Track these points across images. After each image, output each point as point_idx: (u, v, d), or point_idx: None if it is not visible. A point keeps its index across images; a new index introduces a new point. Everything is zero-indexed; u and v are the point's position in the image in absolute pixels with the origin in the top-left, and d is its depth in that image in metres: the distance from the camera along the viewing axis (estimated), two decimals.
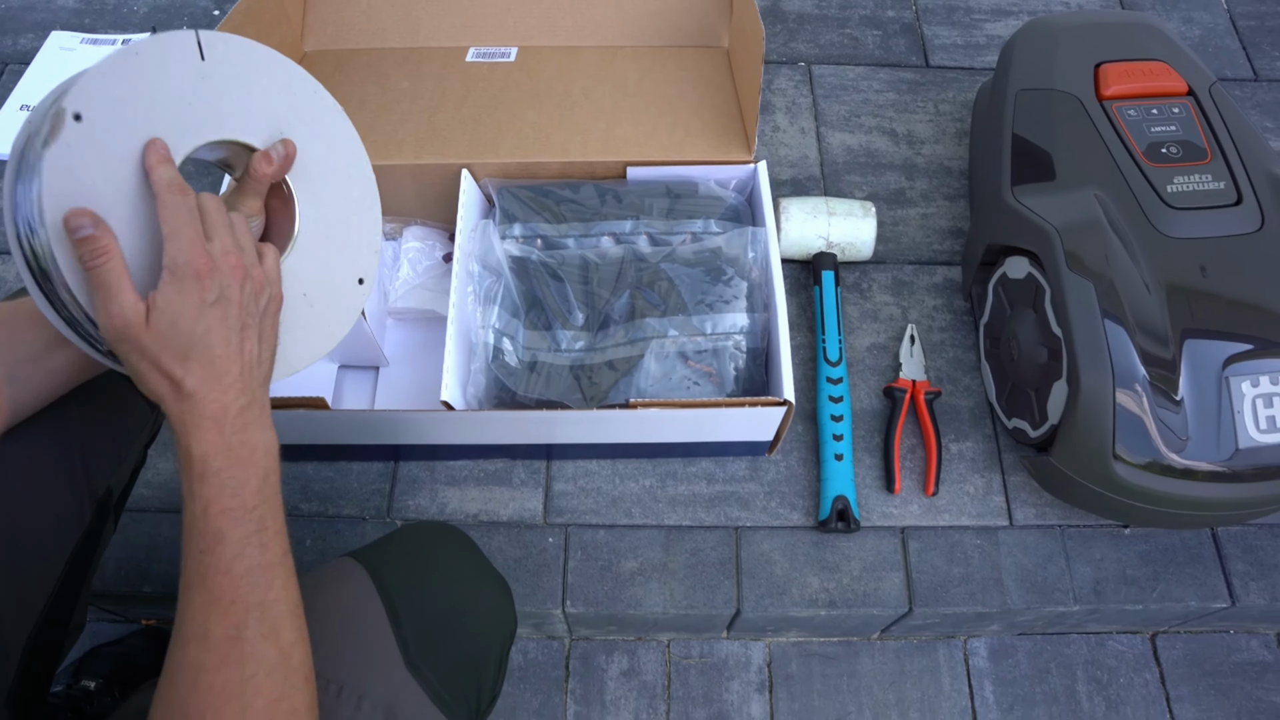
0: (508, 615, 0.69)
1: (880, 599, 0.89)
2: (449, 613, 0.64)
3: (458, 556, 0.67)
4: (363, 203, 0.59)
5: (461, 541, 0.68)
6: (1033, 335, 0.87)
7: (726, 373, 0.86)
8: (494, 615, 0.67)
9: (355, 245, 0.57)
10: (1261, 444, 0.80)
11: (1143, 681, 1.01)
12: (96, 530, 0.67)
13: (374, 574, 0.63)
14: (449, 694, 0.61)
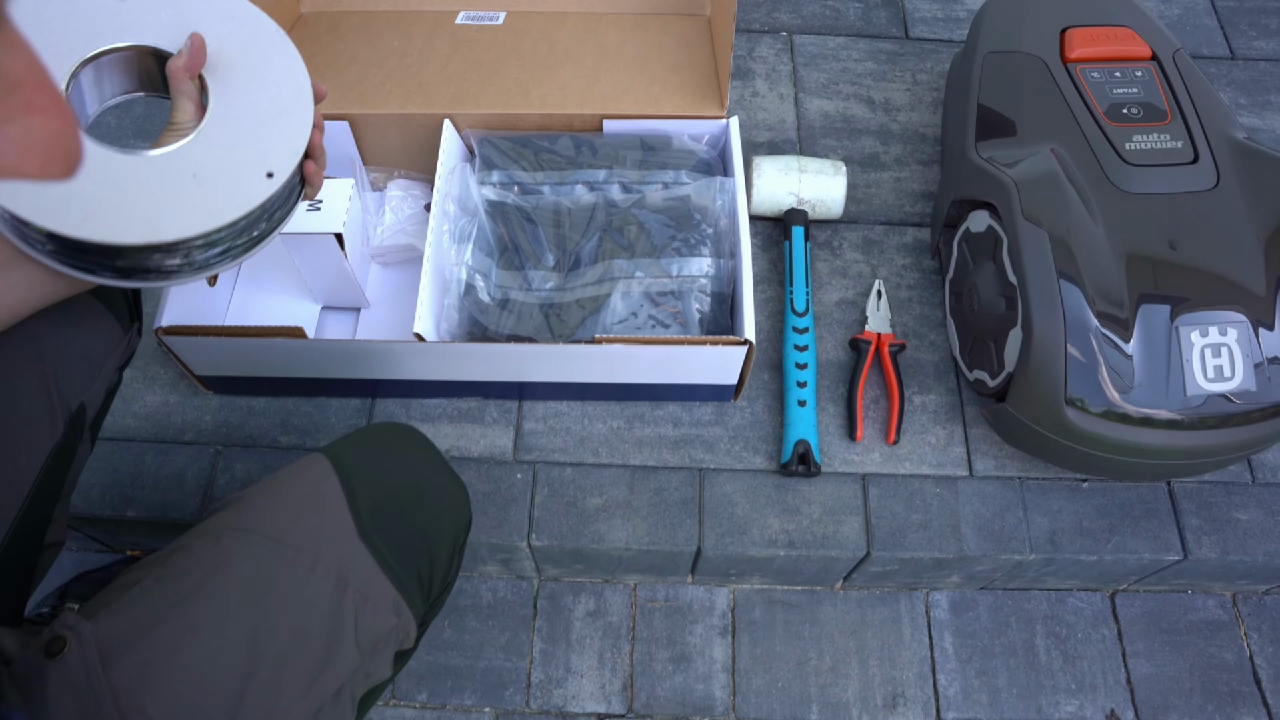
0: (462, 507, 0.71)
1: (839, 542, 0.92)
2: (403, 492, 0.67)
3: (415, 448, 0.70)
4: (292, 110, 0.61)
5: (420, 438, 0.71)
6: (992, 286, 0.90)
7: (691, 315, 0.89)
8: (448, 501, 0.70)
9: (273, 144, 0.59)
10: (1209, 392, 0.82)
11: (1100, 637, 1.03)
12: (70, 446, 0.69)
13: (334, 459, 0.66)
14: (400, 566, 0.64)
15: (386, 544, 0.64)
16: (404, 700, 0.98)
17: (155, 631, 0.58)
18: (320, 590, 0.60)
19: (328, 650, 0.60)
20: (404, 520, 0.66)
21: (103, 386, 0.76)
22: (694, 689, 0.99)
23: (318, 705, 0.61)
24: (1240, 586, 1.03)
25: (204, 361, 0.92)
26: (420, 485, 0.69)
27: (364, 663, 0.63)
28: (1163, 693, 1.00)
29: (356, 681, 0.63)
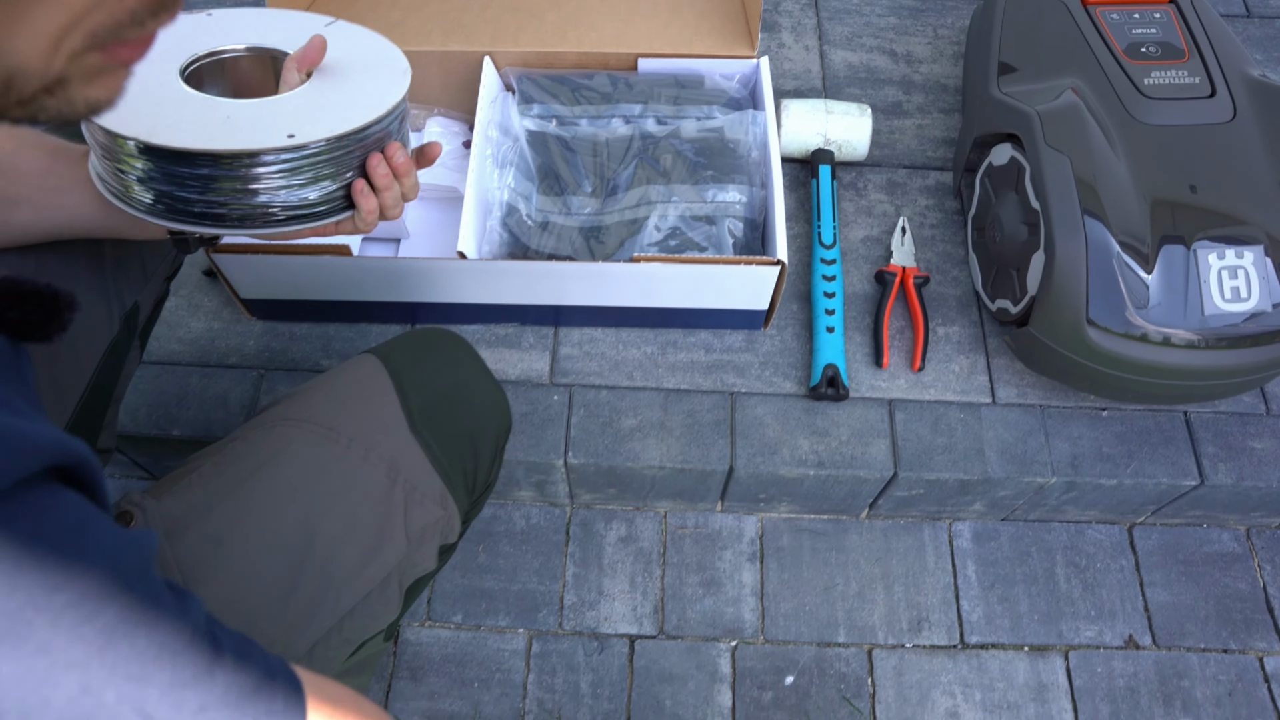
0: (504, 410, 0.74)
1: (867, 462, 0.94)
2: (449, 391, 0.69)
3: (460, 352, 0.73)
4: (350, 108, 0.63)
5: (464, 343, 0.74)
6: (1014, 215, 0.93)
7: (724, 240, 0.92)
8: (490, 402, 0.72)
9: (309, 123, 0.61)
10: (1225, 312, 0.85)
11: (1119, 567, 1.05)
12: (123, 345, 0.72)
13: (383, 359, 0.69)
14: (447, 461, 0.67)
15: (435, 439, 0.67)
16: (439, 621, 1.00)
17: (215, 512, 0.61)
18: (372, 479, 0.63)
19: (378, 537, 0.63)
20: (451, 417, 0.69)
21: (153, 293, 0.80)
22: (724, 612, 1.01)
23: (368, 590, 0.63)
24: (1254, 520, 1.06)
25: (250, 283, 0.94)
26: (466, 386, 0.72)
27: (411, 552, 0.65)
28: (1179, 620, 1.03)
29: (404, 570, 0.65)
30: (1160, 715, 0.98)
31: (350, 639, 0.63)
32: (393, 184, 0.65)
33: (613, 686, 0.98)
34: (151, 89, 0.61)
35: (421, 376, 0.69)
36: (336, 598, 0.61)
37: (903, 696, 0.98)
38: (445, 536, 0.69)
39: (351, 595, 0.62)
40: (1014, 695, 0.99)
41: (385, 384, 0.67)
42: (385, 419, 0.65)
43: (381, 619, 0.65)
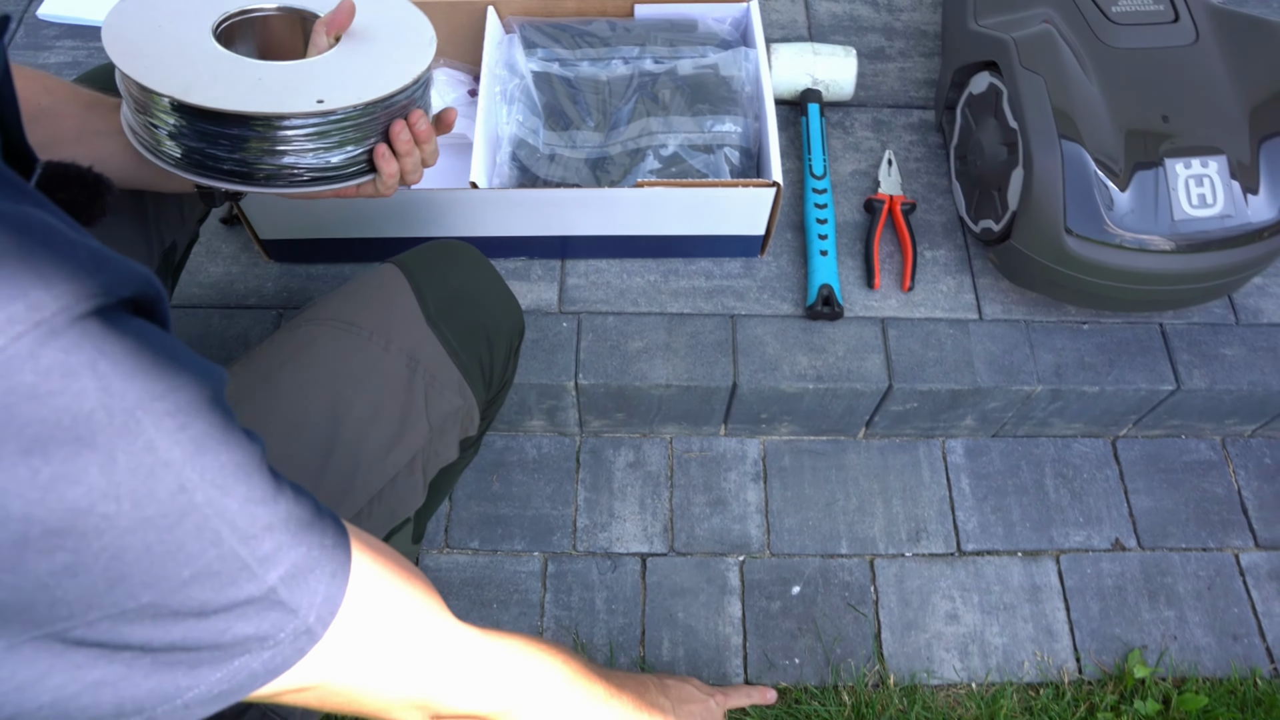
0: (516, 312, 0.78)
1: (863, 375, 0.99)
2: (464, 290, 0.74)
3: (473, 259, 0.77)
4: (377, 75, 0.66)
5: (476, 252, 0.78)
6: (994, 137, 0.98)
7: (722, 168, 0.97)
8: (503, 303, 0.77)
9: (338, 89, 0.64)
10: (1194, 217, 0.91)
11: (1104, 477, 1.11)
12: (162, 278, 0.76)
13: (400, 265, 0.73)
14: (464, 353, 0.71)
15: (452, 332, 0.71)
16: (457, 548, 1.04)
17: (244, 404, 0.64)
18: (394, 367, 0.67)
19: (402, 422, 0.67)
20: (466, 314, 0.73)
21: (187, 234, 0.84)
22: (730, 529, 1.06)
23: (394, 472, 0.67)
24: (1228, 428, 1.12)
25: (269, 222, 0.98)
26: (479, 287, 0.76)
27: (434, 440, 0.69)
28: (1161, 523, 1.08)
29: (428, 457, 0.69)
30: (1146, 609, 1.04)
31: (377, 526, 0.67)
32: (414, 150, 0.68)
33: (627, 602, 1.02)
34: (186, 46, 0.64)
35: (437, 277, 0.73)
36: (365, 480, 0.65)
37: (904, 601, 1.03)
38: (465, 428, 0.73)
39: (379, 478, 0.66)
40: (1009, 597, 1.04)
41: (403, 285, 0.71)
42: (404, 314, 0.69)
43: (408, 504, 0.69)
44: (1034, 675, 1.00)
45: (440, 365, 0.69)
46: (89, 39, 1.22)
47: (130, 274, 0.36)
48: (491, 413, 0.79)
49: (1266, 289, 1.08)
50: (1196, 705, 0.97)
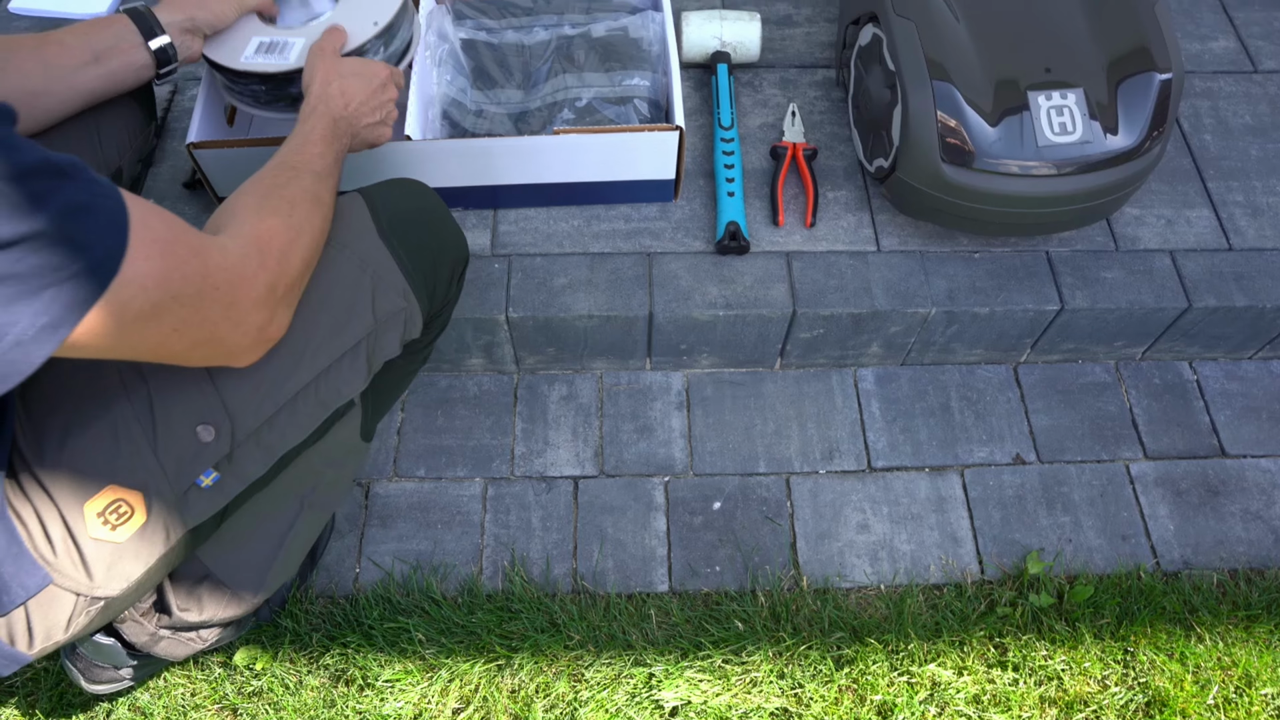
0: (460, 241, 0.89)
1: (769, 302, 1.09)
2: (414, 212, 0.85)
3: (425, 191, 0.88)
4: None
5: (428, 188, 0.89)
6: (879, 81, 1.08)
7: (632, 118, 1.07)
8: (450, 231, 0.88)
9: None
10: (1056, 143, 1.01)
11: (1006, 399, 1.20)
12: None
13: (362, 192, 0.83)
14: (410, 265, 0.81)
15: (400, 245, 0.81)
16: (405, 476, 1.13)
17: None
18: (345, 267, 0.77)
19: (349, 310, 0.77)
20: (414, 234, 0.84)
21: (132, 161, 0.96)
22: (656, 453, 1.14)
23: (340, 353, 0.77)
24: (1119, 351, 1.21)
25: (228, 180, 1.08)
26: (428, 215, 0.87)
27: (379, 332, 0.79)
28: (1059, 439, 1.17)
29: (372, 346, 0.79)
30: (1044, 515, 1.12)
31: (325, 401, 0.76)
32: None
33: (560, 520, 1.10)
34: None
35: (391, 200, 0.84)
36: (313, 356, 0.74)
37: (818, 514, 1.11)
38: (409, 329, 0.82)
39: (326, 357, 0.75)
40: (917, 508, 1.12)
41: (360, 205, 0.82)
42: (358, 226, 0.80)
43: (353, 385, 0.78)
44: (939, 577, 1.08)
45: (387, 270, 0.80)
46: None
47: None
48: (436, 325, 0.89)
49: (1142, 219, 1.17)
50: (1084, 595, 1.05)
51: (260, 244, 0.65)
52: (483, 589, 1.06)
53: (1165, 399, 1.20)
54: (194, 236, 0.59)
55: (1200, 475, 1.14)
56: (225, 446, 0.70)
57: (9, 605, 0.64)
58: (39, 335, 0.49)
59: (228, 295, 0.60)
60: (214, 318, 0.60)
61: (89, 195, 0.51)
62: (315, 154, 0.78)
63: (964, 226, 1.09)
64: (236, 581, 0.81)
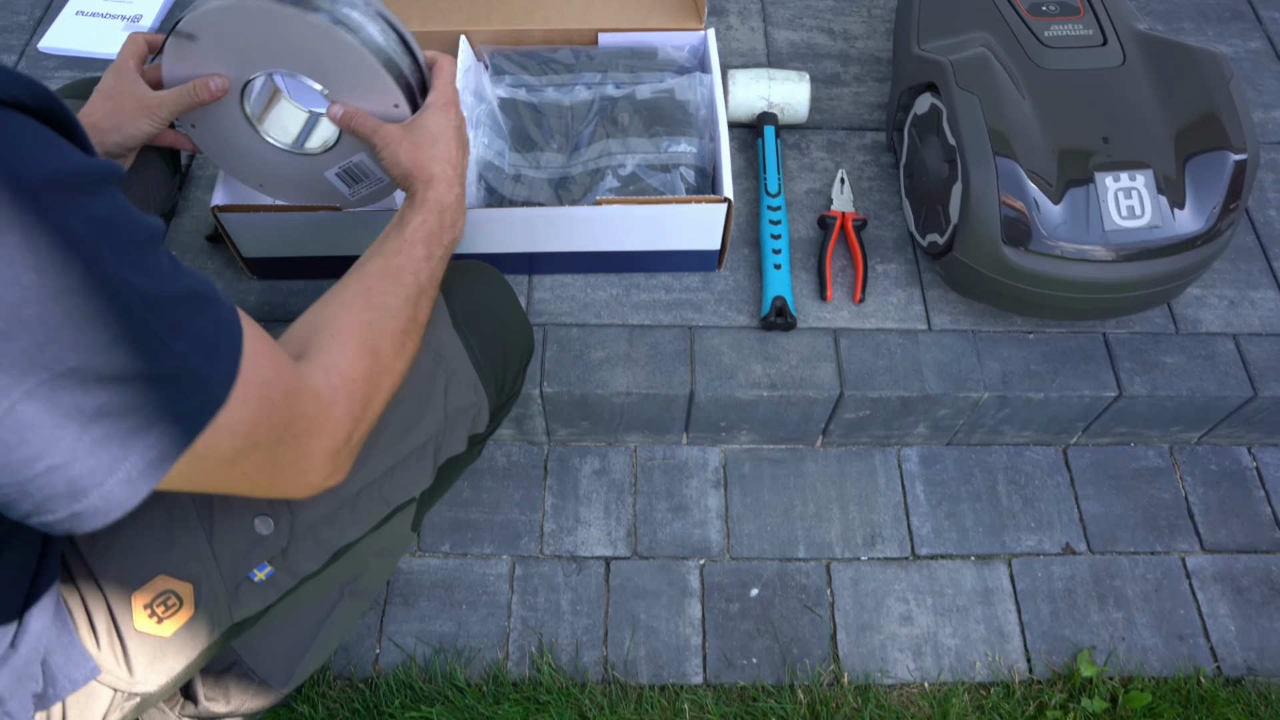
0: (528, 332, 0.86)
1: (816, 383, 1.04)
2: (488, 302, 0.82)
3: (497, 279, 0.85)
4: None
5: (498, 274, 0.86)
6: (936, 154, 1.03)
7: (678, 186, 1.02)
8: (518, 323, 0.85)
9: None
10: (1123, 228, 0.96)
11: (1054, 484, 1.15)
12: None
13: None
14: (482, 358, 0.78)
15: (473, 337, 0.78)
16: (429, 551, 1.08)
17: None
18: (421, 359, 0.73)
19: (421, 407, 0.74)
20: (487, 325, 0.80)
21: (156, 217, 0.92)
22: (691, 534, 1.10)
23: (408, 450, 0.73)
24: (1174, 436, 1.16)
25: (252, 241, 1.04)
26: (500, 304, 0.84)
27: (447, 429, 0.76)
28: (1110, 527, 1.12)
29: (439, 444, 0.76)
30: (1095, 611, 1.07)
31: (388, 498, 0.73)
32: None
33: (591, 603, 1.05)
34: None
35: (464, 288, 0.81)
36: (382, 454, 0.71)
37: (859, 604, 1.06)
38: (475, 424, 0.79)
39: (395, 455, 0.72)
40: (962, 600, 1.07)
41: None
42: (434, 316, 0.76)
43: (417, 484, 0.75)
44: (985, 675, 1.03)
45: (460, 364, 0.77)
46: (87, 70, 1.29)
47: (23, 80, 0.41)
48: (499, 417, 0.85)
49: (1204, 300, 1.12)
50: (1141, 702, 1.00)
51: (350, 389, 0.58)
52: (509, 676, 1.01)
53: (1223, 487, 1.15)
54: (291, 377, 0.53)
55: (1263, 571, 1.09)
56: (283, 540, 0.67)
57: (53, 698, 0.60)
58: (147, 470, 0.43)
59: (305, 444, 0.54)
60: (283, 464, 0.53)
61: (216, 327, 0.46)
62: (420, 256, 0.69)
63: (1022, 310, 1.04)
64: (266, 671, 0.77)
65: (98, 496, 0.42)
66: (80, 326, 0.39)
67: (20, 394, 0.38)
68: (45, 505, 0.41)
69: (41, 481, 0.40)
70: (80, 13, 1.32)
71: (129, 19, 1.32)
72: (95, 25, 1.31)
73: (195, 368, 0.45)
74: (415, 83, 0.79)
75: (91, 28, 1.30)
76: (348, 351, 0.59)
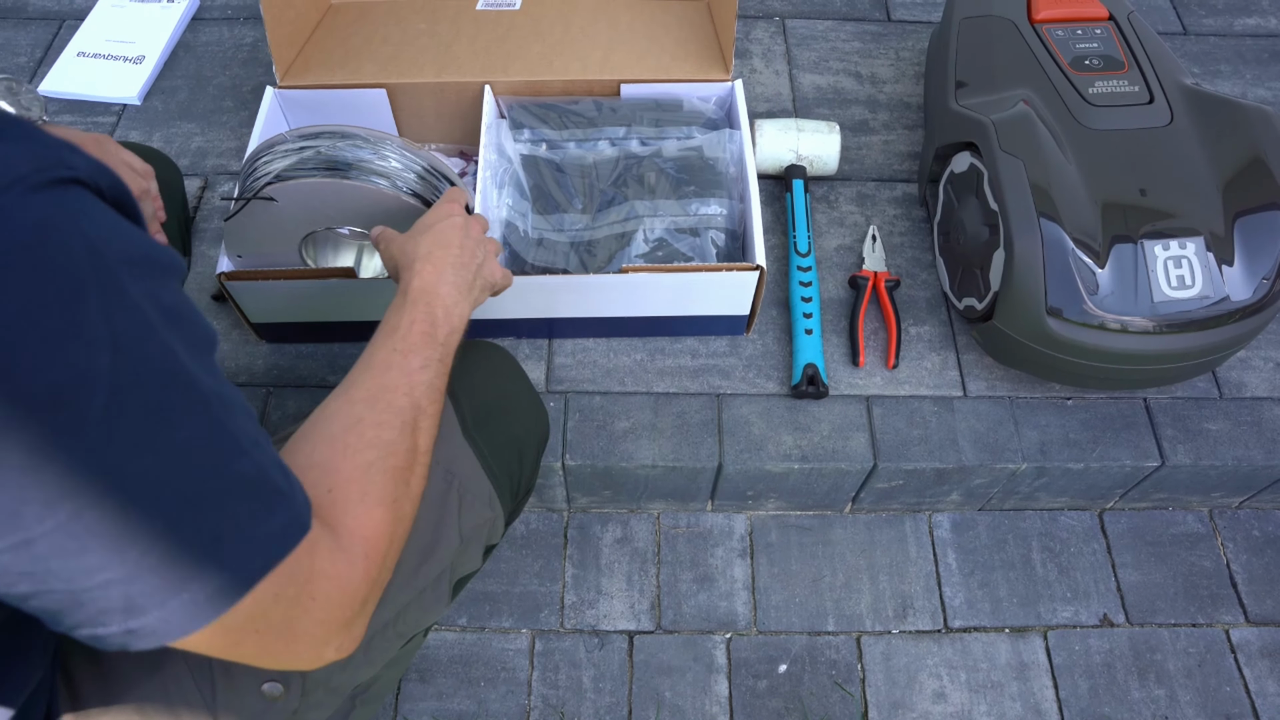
0: (543, 418, 0.80)
1: (848, 455, 1.00)
2: (497, 400, 0.75)
3: (505, 364, 0.79)
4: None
5: (508, 356, 0.80)
6: (976, 217, 0.99)
7: (708, 250, 0.98)
8: (533, 411, 0.78)
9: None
10: (1173, 299, 0.92)
11: (1091, 550, 1.11)
12: None
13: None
14: (496, 465, 0.71)
15: (486, 444, 0.71)
16: (445, 625, 1.04)
17: None
18: (432, 482, 0.64)
19: (435, 535, 0.67)
20: (500, 425, 0.74)
21: None
22: (718, 606, 1.06)
23: (423, 586, 0.67)
24: (1215, 501, 1.12)
25: (260, 307, 0.99)
26: (511, 395, 0.78)
27: (462, 551, 0.70)
28: (1150, 598, 1.08)
29: (455, 568, 0.70)
30: (1136, 687, 1.03)
31: (403, 632, 0.68)
32: None
33: (614, 681, 1.02)
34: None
35: (472, 385, 0.74)
36: (395, 594, 0.64)
37: (891, 680, 1.03)
38: (490, 537, 0.74)
39: (409, 591, 0.66)
40: (997, 675, 1.04)
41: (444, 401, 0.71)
42: (442, 425, 0.66)
43: (432, 614, 0.70)
44: None
45: (473, 478, 0.70)
46: (88, 114, 1.24)
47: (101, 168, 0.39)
48: (514, 518, 0.80)
49: (1249, 362, 1.09)
50: None
51: (367, 548, 0.50)
52: None
53: (1267, 554, 1.11)
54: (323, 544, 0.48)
55: None
56: (294, 702, 0.61)
57: None
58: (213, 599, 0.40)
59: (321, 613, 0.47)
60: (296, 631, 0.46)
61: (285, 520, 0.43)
62: (414, 368, 0.60)
63: (1063, 379, 1.00)
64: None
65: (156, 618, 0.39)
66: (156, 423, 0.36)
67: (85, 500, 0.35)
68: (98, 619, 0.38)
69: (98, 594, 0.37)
70: (81, 54, 1.28)
71: (131, 59, 1.27)
72: (97, 67, 1.26)
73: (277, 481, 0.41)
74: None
75: (93, 69, 1.26)
76: (355, 500, 0.51)
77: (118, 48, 1.28)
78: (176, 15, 1.32)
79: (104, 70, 1.26)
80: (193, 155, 1.20)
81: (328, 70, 1.10)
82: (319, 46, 1.13)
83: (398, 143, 0.89)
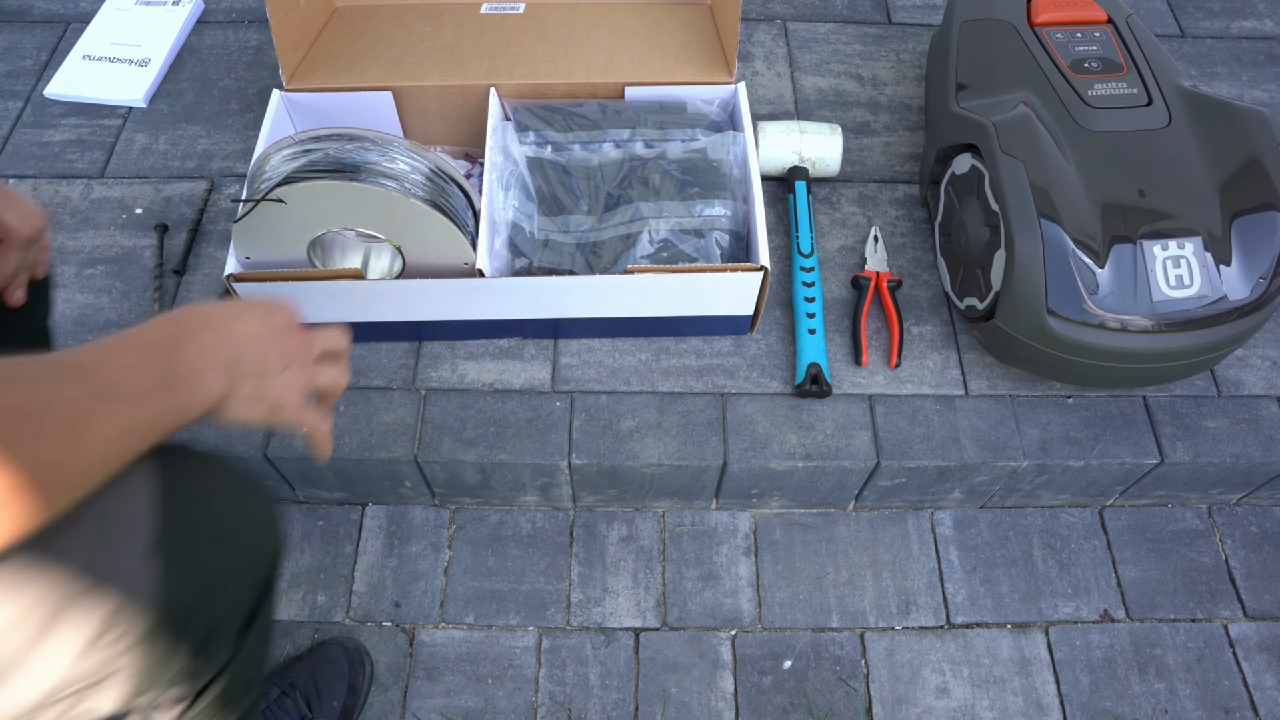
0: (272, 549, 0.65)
1: (851, 453, 1.01)
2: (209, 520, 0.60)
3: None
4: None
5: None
6: (977, 218, 1.00)
7: (712, 251, 0.99)
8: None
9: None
10: (1172, 298, 0.93)
11: (1091, 547, 1.12)
12: None
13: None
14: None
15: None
16: (452, 623, 1.05)
17: None
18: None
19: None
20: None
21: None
22: (723, 603, 1.07)
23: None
24: (1214, 498, 1.13)
25: None
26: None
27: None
28: (1150, 593, 1.09)
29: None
30: (1136, 682, 1.04)
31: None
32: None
33: (620, 677, 1.03)
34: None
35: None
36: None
37: (895, 675, 1.04)
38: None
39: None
40: (999, 670, 1.05)
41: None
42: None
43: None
44: None
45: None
46: (93, 116, 1.25)
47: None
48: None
49: (1247, 360, 1.10)
50: None
51: None
52: None
53: (1265, 550, 1.12)
54: None
55: None
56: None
57: None
58: None
59: None
60: None
61: None
62: (124, 365, 0.50)
63: (1064, 378, 1.01)
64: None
65: None
66: None
67: None
68: None
69: None
70: (87, 57, 1.28)
71: (136, 62, 1.28)
72: (103, 70, 1.27)
73: None
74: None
75: (99, 73, 1.27)
76: None
77: (123, 51, 1.29)
78: (182, 18, 1.33)
79: (110, 73, 1.27)
80: (199, 158, 1.21)
81: (333, 73, 1.11)
82: (324, 49, 1.14)
83: (406, 145, 0.90)
